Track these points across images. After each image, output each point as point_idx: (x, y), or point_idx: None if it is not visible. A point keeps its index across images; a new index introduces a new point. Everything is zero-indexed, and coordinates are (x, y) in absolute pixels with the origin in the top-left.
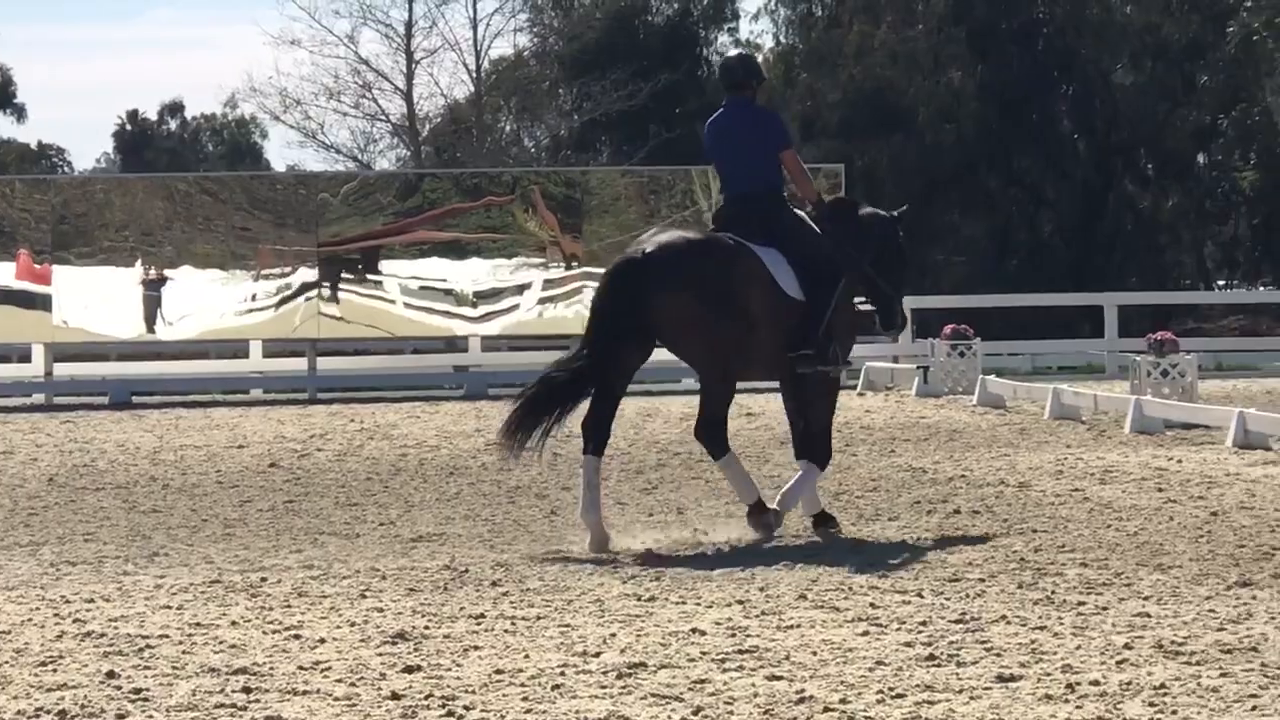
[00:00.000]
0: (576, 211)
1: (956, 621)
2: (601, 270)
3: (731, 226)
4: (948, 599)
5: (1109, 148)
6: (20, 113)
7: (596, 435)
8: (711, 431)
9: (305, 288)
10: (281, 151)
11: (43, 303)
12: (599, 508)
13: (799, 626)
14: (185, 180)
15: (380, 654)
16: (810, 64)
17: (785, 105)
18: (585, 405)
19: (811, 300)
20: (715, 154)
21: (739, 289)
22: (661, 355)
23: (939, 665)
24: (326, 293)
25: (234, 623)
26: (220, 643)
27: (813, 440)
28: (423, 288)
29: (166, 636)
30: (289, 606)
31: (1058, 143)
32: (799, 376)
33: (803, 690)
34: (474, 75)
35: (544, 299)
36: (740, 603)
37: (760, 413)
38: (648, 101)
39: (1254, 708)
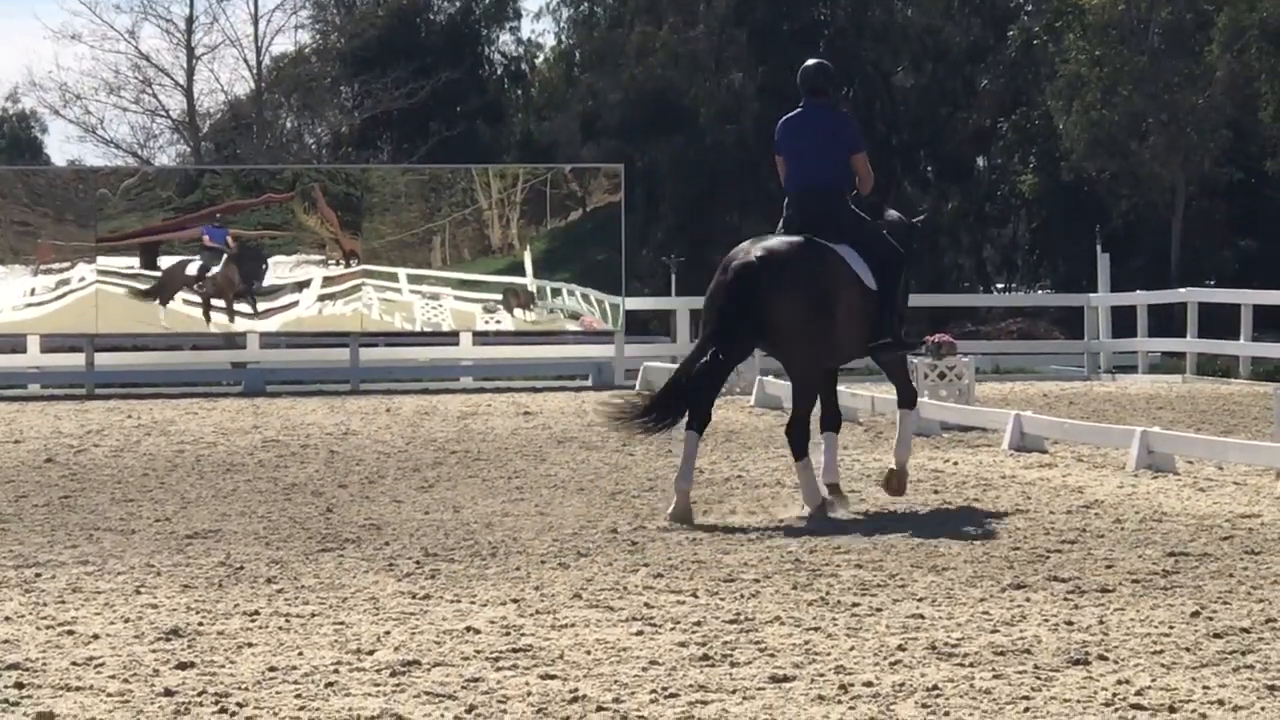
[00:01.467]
0: (357, 209)
1: (731, 622)
2: (382, 267)
3: (802, 221)
4: (722, 599)
5: (889, 149)
6: None
7: (699, 414)
8: (799, 430)
9: (84, 283)
10: (62, 146)
11: None
12: (690, 479)
13: (573, 626)
14: None
15: (154, 650)
16: (591, 64)
17: (566, 105)
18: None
19: (882, 291)
20: (787, 150)
21: (839, 291)
22: (440, 353)
23: (713, 665)
24: (105, 288)
25: (7, 618)
26: None
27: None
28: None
29: None
30: (63, 602)
31: None
32: (882, 362)
33: (576, 689)
34: (255, 72)
35: (323, 296)
36: (515, 601)
37: (538, 412)
38: (429, 100)
39: (1026, 709)
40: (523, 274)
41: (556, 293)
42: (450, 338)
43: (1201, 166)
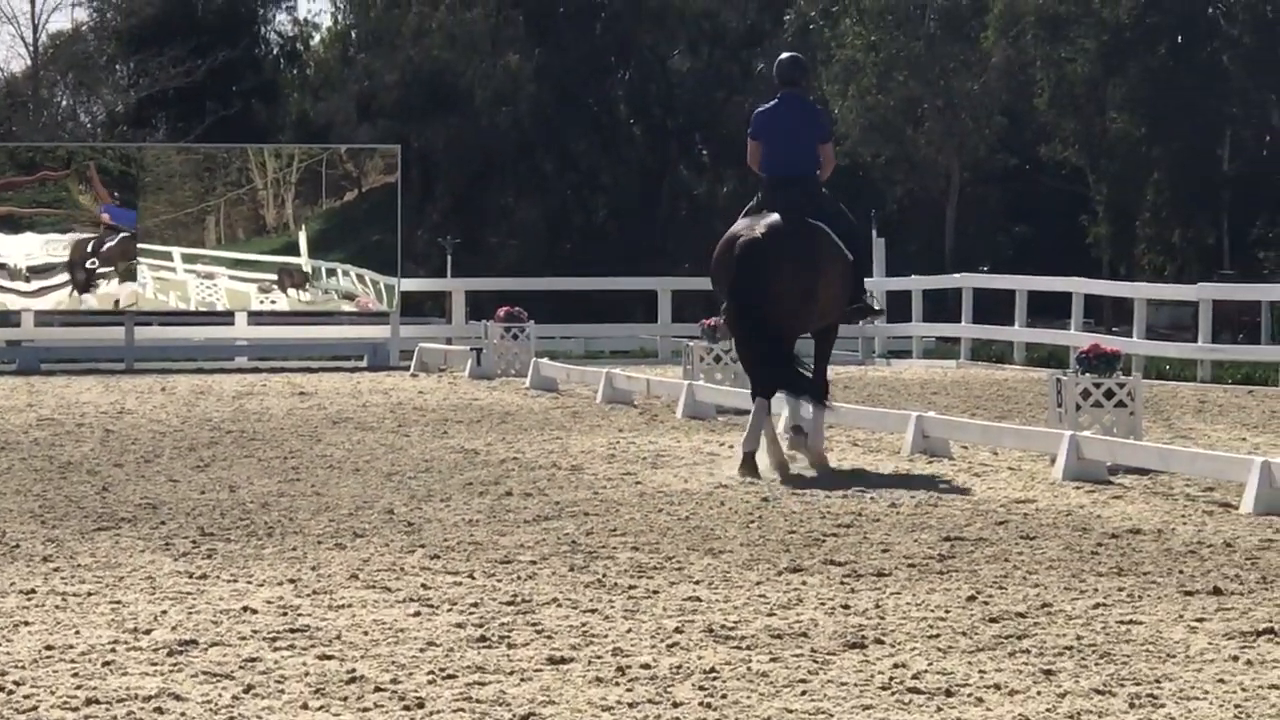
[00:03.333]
0: (132, 188)
1: (508, 603)
2: (160, 246)
3: (783, 202)
4: (499, 581)
5: (666, 133)
6: None
7: (768, 385)
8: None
9: None
10: None
11: None
12: (757, 442)
13: (350, 606)
14: None
15: None
16: (368, 44)
17: (342, 85)
18: None
19: (855, 260)
20: (765, 137)
21: (831, 260)
22: (215, 333)
23: (490, 647)
24: None
25: None
26: None
27: (823, 379)
28: None
29: None
30: None
31: (614, 127)
32: (826, 327)
33: (354, 670)
34: (31, 49)
35: (99, 275)
36: (292, 581)
37: (314, 392)
38: (205, 79)
39: (803, 692)
40: (298, 254)
41: (331, 273)
42: (225, 317)
43: (977, 152)
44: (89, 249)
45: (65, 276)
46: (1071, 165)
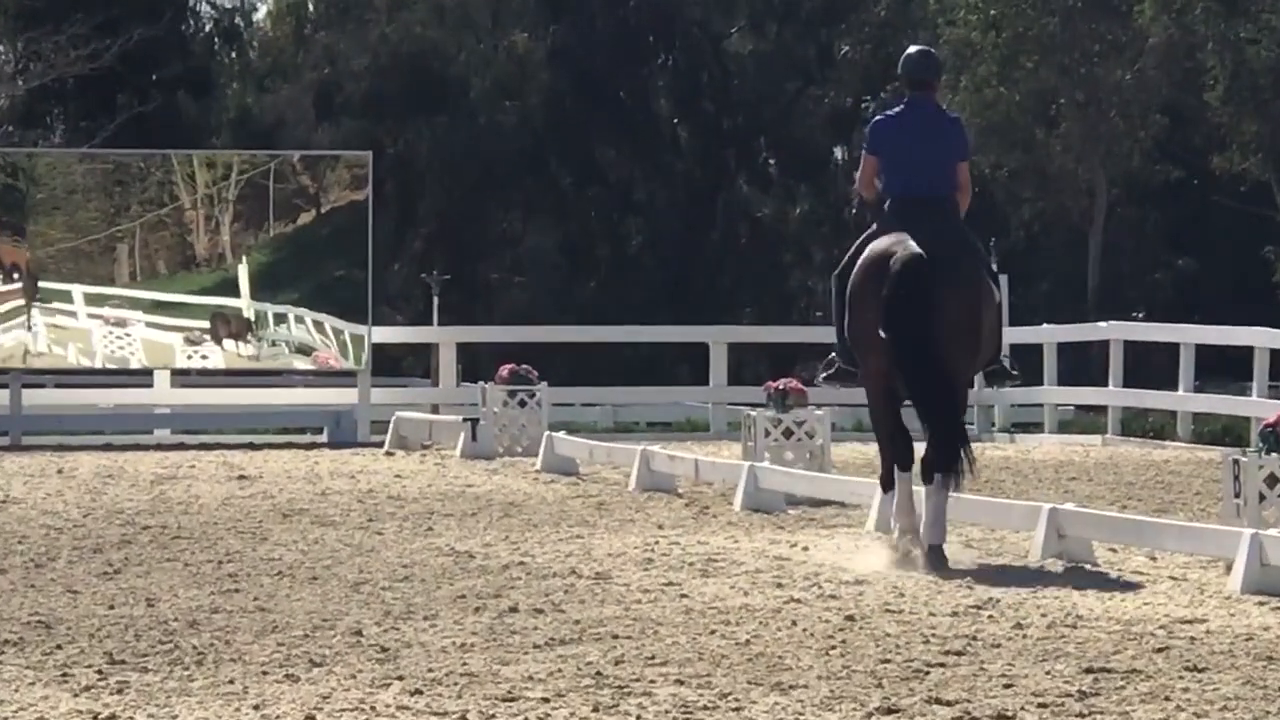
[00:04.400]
0: (18, 207)
1: None
2: (56, 284)
3: (915, 229)
4: None
5: (720, 137)
6: None
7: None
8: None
9: None
10: None
11: None
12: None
13: None
14: None
15: None
16: (329, 19)
17: (296, 73)
18: None
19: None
20: (888, 151)
21: (993, 299)
22: (128, 398)
23: None
24: None
25: None
26: None
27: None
28: None
29: None
30: None
31: (652, 129)
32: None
33: None
34: None
35: None
36: None
37: (257, 476)
38: (116, 64)
39: None
40: (237, 295)
41: (281, 319)
42: (141, 377)
43: (1129, 162)
44: None
45: None
46: (1254, 179)
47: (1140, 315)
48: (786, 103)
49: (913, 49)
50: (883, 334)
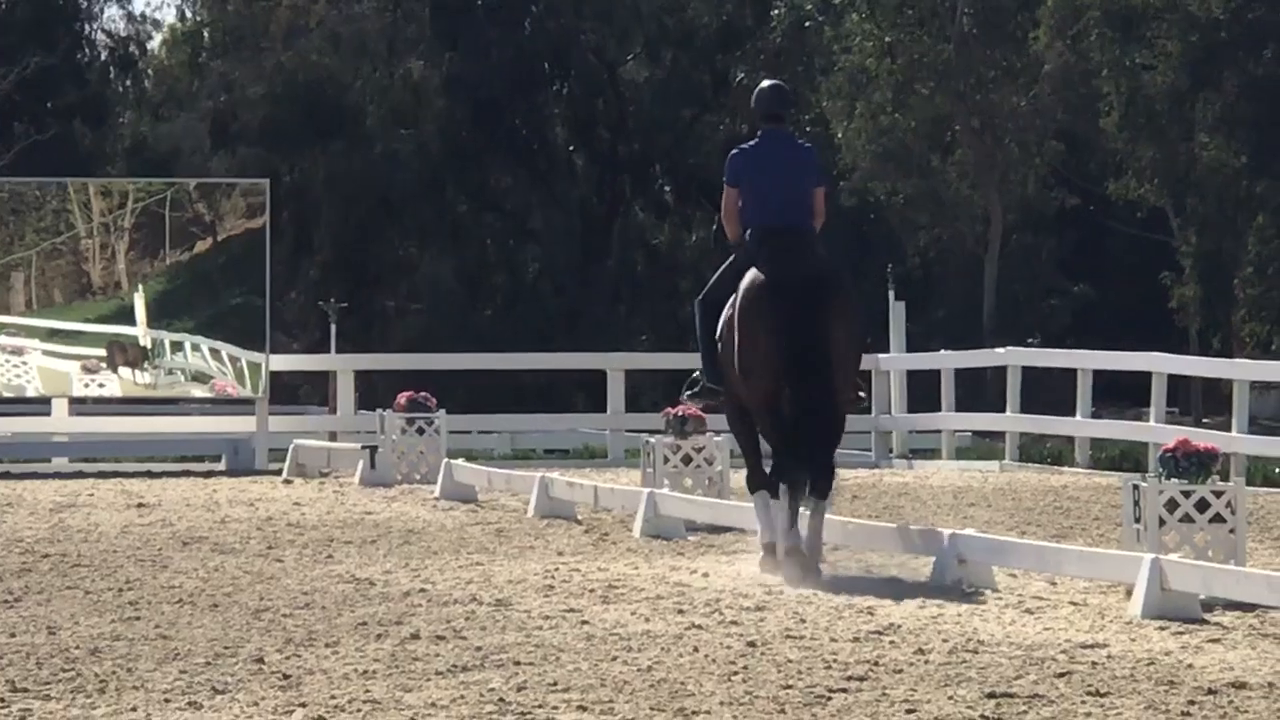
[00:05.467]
0: None
1: None
2: None
3: (777, 256)
4: None
5: (616, 164)
6: None
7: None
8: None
9: None
10: None
11: None
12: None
13: None
14: None
15: None
16: (225, 47)
17: (191, 101)
18: None
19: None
20: (747, 182)
21: (860, 321)
22: (25, 425)
23: None
24: None
25: None
26: None
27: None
28: None
29: None
30: None
31: (548, 156)
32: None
33: None
34: None
35: None
36: None
37: (156, 504)
38: (11, 93)
39: None
40: (134, 323)
41: (178, 348)
42: (39, 405)
43: (1024, 189)
44: None
45: None
46: (1149, 205)
47: (1036, 341)
48: (682, 129)
49: (765, 83)
50: (778, 355)
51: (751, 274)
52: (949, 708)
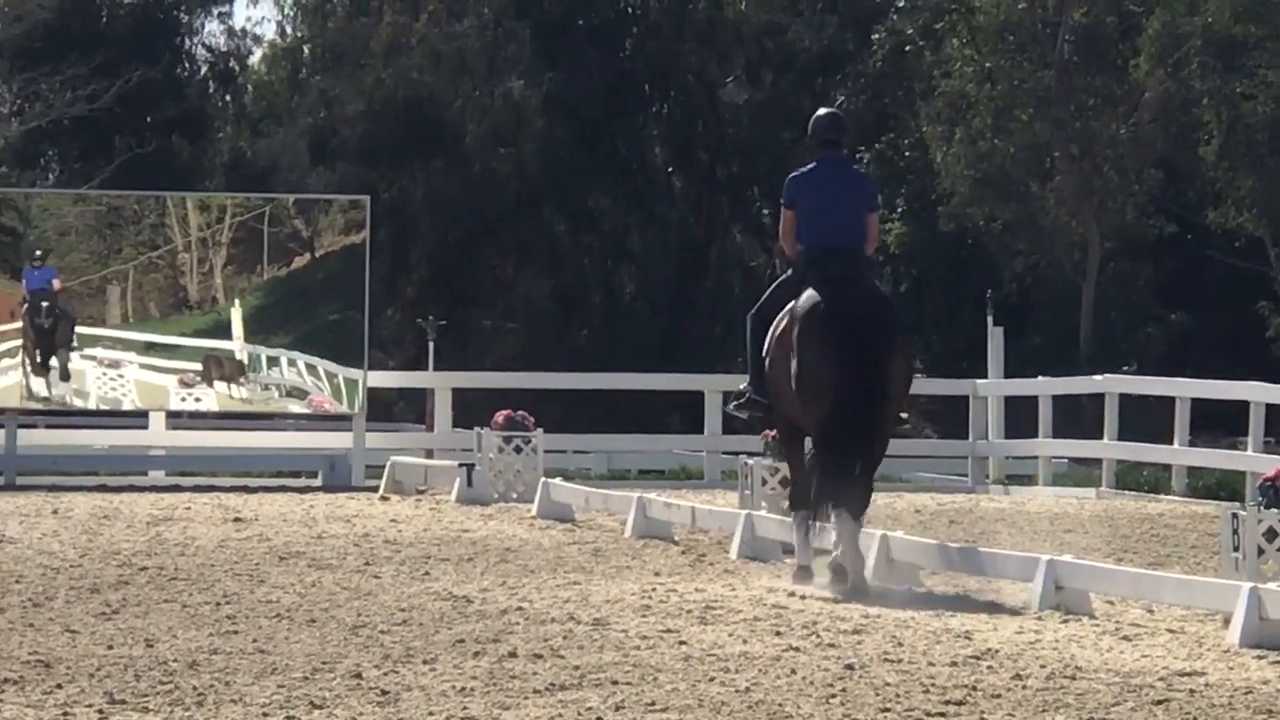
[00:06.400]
0: (15, 248)
1: None
2: None
3: (827, 278)
4: None
5: (714, 186)
6: None
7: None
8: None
9: None
10: None
11: None
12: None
13: None
14: None
15: None
16: (325, 64)
17: (291, 117)
18: None
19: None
20: (803, 205)
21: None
22: (123, 439)
23: None
24: None
25: None
26: None
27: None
28: None
29: None
30: None
31: (647, 178)
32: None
33: None
34: None
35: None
36: None
37: (253, 518)
38: (113, 106)
39: None
40: (231, 337)
41: (275, 363)
42: (136, 419)
43: (1122, 216)
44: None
45: None
46: (1248, 235)
47: (1132, 369)
48: (782, 152)
49: (821, 112)
50: (835, 380)
51: (809, 296)
52: None
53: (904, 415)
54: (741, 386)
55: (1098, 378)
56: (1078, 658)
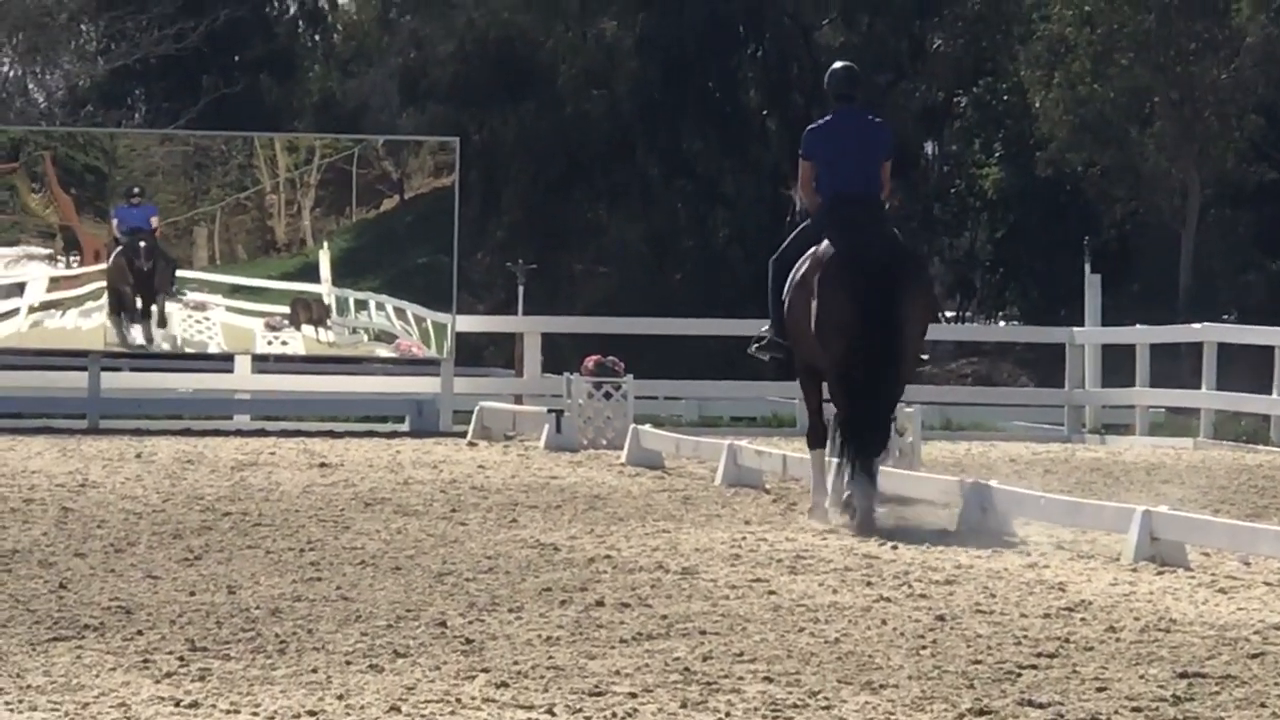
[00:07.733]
0: (101, 188)
1: None
2: None
3: (846, 224)
4: (588, 718)
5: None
6: None
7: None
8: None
9: None
10: None
11: None
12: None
13: None
14: None
15: None
16: (415, 3)
17: (381, 57)
18: None
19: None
20: (821, 157)
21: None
22: (208, 383)
23: None
24: None
25: None
26: None
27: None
28: None
29: None
30: None
31: (741, 121)
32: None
33: None
34: None
35: (48, 304)
36: (312, 715)
37: (339, 464)
38: (201, 44)
39: None
40: (318, 280)
41: (363, 306)
42: (221, 362)
43: (1223, 163)
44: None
45: (12, 304)
46: None
47: (1231, 317)
48: (878, 96)
49: (837, 65)
50: (853, 323)
51: (826, 244)
52: (1140, 686)
53: (924, 357)
54: (762, 329)
55: (1196, 326)
56: (1172, 610)
